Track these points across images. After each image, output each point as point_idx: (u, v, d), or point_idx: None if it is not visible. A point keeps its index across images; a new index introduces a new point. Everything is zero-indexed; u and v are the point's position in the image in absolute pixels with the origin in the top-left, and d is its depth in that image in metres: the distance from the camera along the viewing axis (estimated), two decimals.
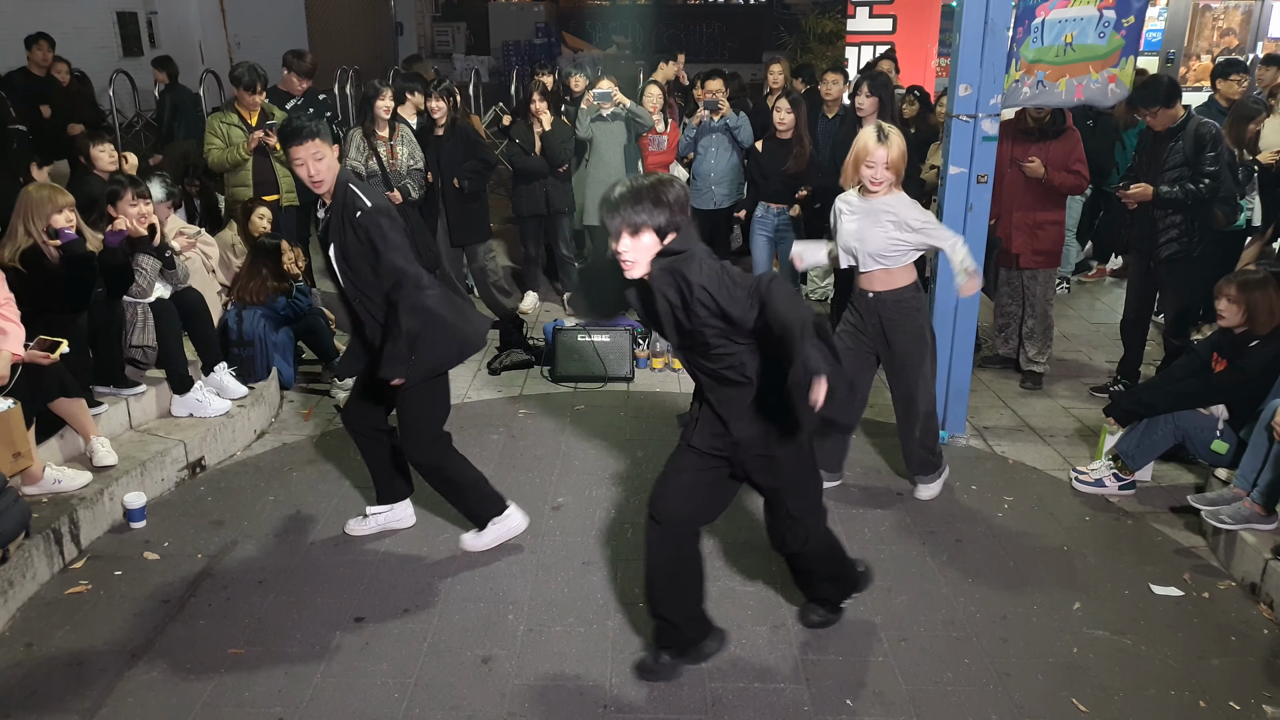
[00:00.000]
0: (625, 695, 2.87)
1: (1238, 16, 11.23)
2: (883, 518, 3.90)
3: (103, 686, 2.88)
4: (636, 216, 2.50)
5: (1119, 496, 4.07)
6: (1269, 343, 3.86)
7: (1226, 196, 5.02)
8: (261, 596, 3.34)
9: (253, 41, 12.04)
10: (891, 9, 9.44)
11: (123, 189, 4.22)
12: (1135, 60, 4.53)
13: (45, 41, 7.21)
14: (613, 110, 6.10)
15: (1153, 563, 3.61)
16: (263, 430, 4.70)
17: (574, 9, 20.58)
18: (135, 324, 4.31)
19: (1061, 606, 3.32)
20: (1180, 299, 4.91)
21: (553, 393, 5.25)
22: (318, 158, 3.18)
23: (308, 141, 3.15)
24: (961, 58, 4.19)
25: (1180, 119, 4.65)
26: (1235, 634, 3.20)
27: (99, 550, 3.63)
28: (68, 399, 3.76)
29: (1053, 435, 4.71)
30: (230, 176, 5.60)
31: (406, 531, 3.76)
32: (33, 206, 3.86)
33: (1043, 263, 5.12)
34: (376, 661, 3.01)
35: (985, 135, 4.26)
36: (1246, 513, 3.51)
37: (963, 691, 2.90)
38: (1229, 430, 3.89)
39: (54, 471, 3.68)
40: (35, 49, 7.17)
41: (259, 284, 4.93)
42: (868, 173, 3.59)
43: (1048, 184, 4.95)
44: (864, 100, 5.10)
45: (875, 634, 3.16)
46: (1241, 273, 4.11)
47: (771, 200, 5.57)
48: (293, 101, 6.03)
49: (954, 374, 4.52)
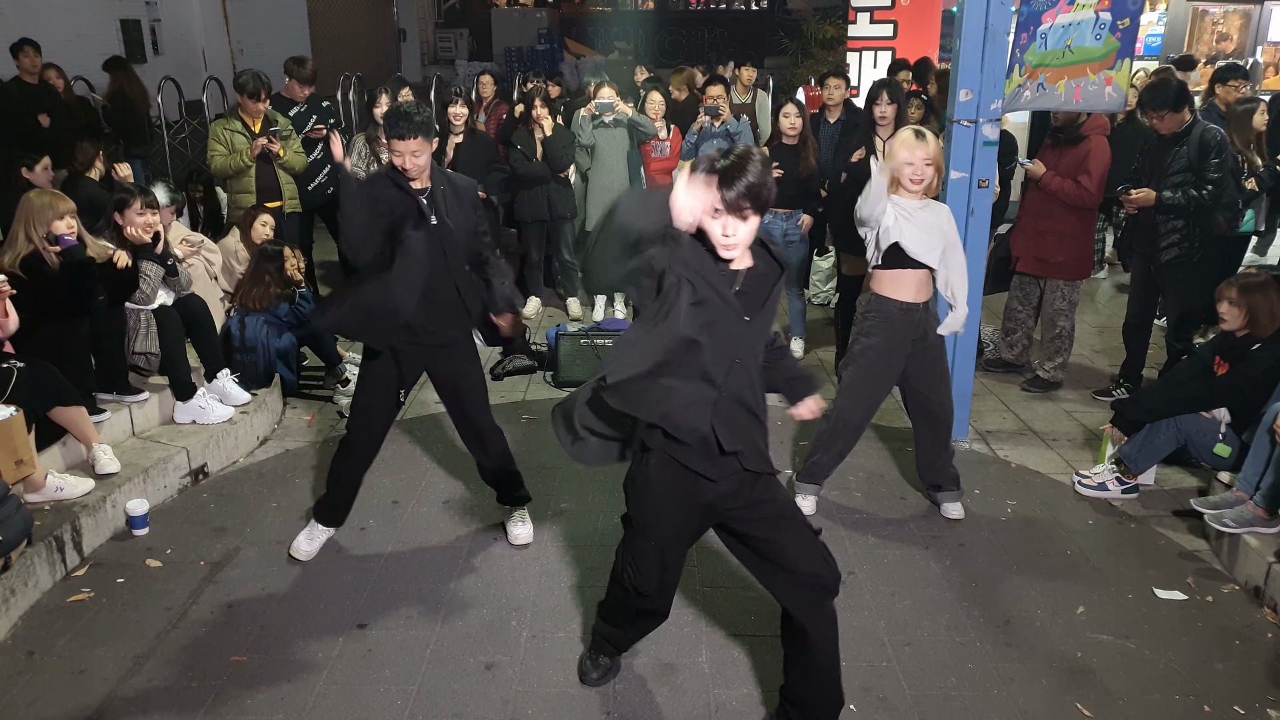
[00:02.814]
0: (628, 702, 2.86)
1: (1236, 21, 11.25)
2: (885, 523, 3.90)
3: (105, 695, 2.88)
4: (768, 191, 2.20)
5: (1122, 500, 4.06)
6: (1271, 346, 3.85)
7: (1229, 203, 5.02)
8: (264, 604, 3.34)
9: (256, 48, 12.09)
10: (892, 14, 9.45)
11: (131, 198, 4.23)
12: (1131, 63, 4.53)
13: (31, 48, 7.03)
14: (614, 118, 6.13)
15: (1156, 566, 3.60)
16: (265, 437, 4.70)
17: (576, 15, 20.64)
18: (138, 331, 4.32)
19: (1065, 611, 3.32)
20: (1181, 303, 4.91)
21: (556, 398, 5.23)
22: (416, 155, 3.20)
23: (409, 139, 3.16)
24: (962, 63, 4.19)
25: (1187, 123, 4.65)
26: (1239, 638, 3.19)
27: (101, 558, 3.63)
28: (64, 407, 3.76)
29: (1055, 439, 4.70)
30: (233, 183, 5.61)
31: (410, 539, 3.76)
32: (34, 213, 3.86)
33: (1048, 271, 5.08)
34: (379, 669, 3.01)
35: (986, 140, 4.26)
36: (1249, 516, 3.50)
37: (966, 696, 2.89)
38: (1231, 433, 3.89)
39: (56, 479, 3.67)
40: (22, 56, 6.98)
41: (262, 290, 4.94)
42: (908, 170, 3.51)
43: (1045, 189, 4.95)
44: (885, 108, 5.05)
45: (879, 639, 3.16)
46: (1242, 275, 4.10)
47: (780, 206, 5.56)
48: (296, 108, 6.04)
49: (957, 378, 4.50)
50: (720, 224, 2.23)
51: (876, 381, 3.79)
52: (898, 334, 3.67)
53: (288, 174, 5.71)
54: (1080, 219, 4.97)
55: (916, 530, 3.84)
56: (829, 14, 12.92)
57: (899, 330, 3.66)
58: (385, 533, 3.80)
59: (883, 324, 3.68)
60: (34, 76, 7.04)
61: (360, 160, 5.52)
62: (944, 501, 3.97)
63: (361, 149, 5.57)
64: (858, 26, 9.68)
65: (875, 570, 3.55)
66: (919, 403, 3.84)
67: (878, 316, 3.68)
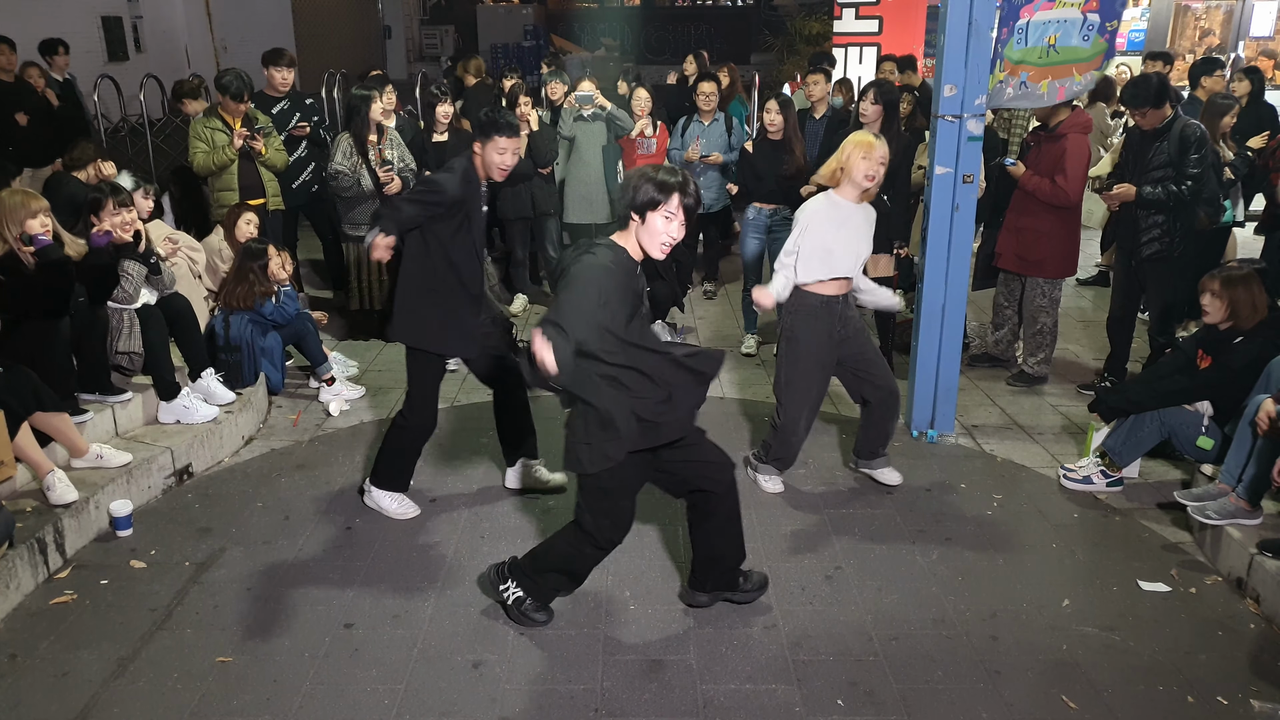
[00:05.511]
0: (616, 699, 2.86)
1: (1219, 16, 11.32)
2: (872, 517, 3.91)
3: (89, 697, 2.86)
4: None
5: (1107, 493, 4.09)
6: (1253, 339, 3.88)
7: (1210, 198, 5.05)
8: (249, 604, 3.32)
9: (239, 45, 12.00)
10: (878, 10, 9.48)
11: (104, 197, 4.19)
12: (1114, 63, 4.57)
13: (7, 45, 6.91)
14: (593, 111, 6.15)
15: (1141, 559, 3.62)
16: (251, 436, 4.68)
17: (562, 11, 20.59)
18: (121, 330, 4.29)
19: (1051, 604, 3.34)
20: (1163, 297, 4.94)
21: (542, 396, 5.23)
22: (516, 153, 3.54)
23: (517, 138, 3.53)
24: (946, 59, 4.20)
25: (1168, 119, 4.67)
26: (1222, 629, 3.22)
27: (85, 559, 3.60)
28: (45, 413, 3.70)
29: (1041, 433, 4.73)
30: (215, 181, 5.57)
31: (396, 538, 3.75)
32: (6, 213, 3.81)
33: (1029, 269, 5.10)
34: (366, 668, 2.99)
35: (970, 135, 4.27)
36: (1232, 508, 3.53)
37: (953, 690, 2.91)
38: (1214, 426, 3.91)
39: (97, 447, 3.88)
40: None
41: (246, 289, 4.91)
42: (866, 167, 3.67)
43: (1023, 188, 4.97)
44: (869, 107, 5.09)
45: (866, 633, 3.17)
46: (1224, 269, 4.14)
47: (764, 201, 5.57)
48: (279, 106, 6.01)
49: (942, 373, 4.53)
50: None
51: (811, 375, 3.92)
52: (821, 328, 3.84)
53: (270, 171, 5.67)
54: (1060, 217, 4.96)
55: (903, 525, 3.85)
56: (814, 10, 12.95)
57: (822, 324, 3.83)
58: (371, 532, 3.78)
59: (806, 319, 3.85)
60: (10, 74, 6.97)
61: (345, 160, 5.47)
62: (879, 469, 4.14)
63: (346, 148, 5.53)
64: (843, 22, 9.71)
65: (861, 565, 3.56)
66: (864, 383, 4.00)
67: (801, 312, 3.86)
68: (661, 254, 2.81)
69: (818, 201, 3.82)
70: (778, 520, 3.87)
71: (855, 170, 3.69)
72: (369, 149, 5.48)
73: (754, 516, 3.86)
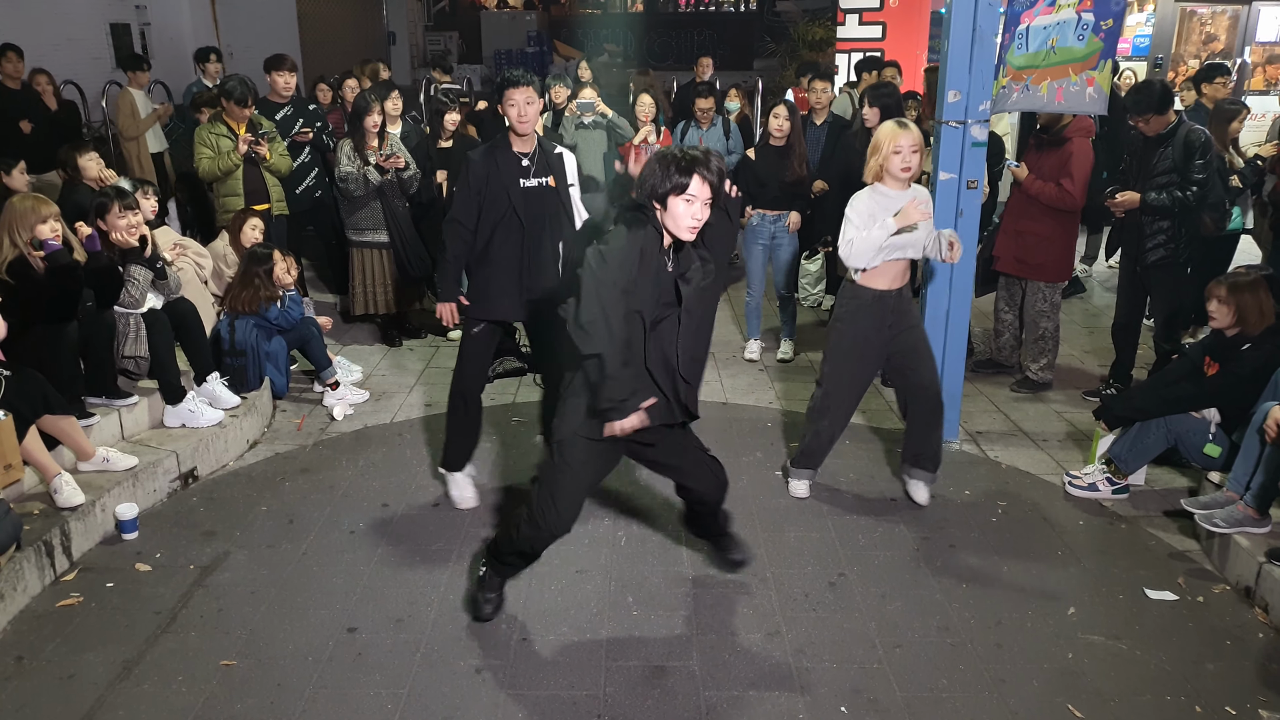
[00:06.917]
0: (619, 705, 2.86)
1: (1224, 22, 11.30)
2: (876, 524, 3.90)
3: (94, 700, 2.86)
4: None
5: (1112, 501, 4.08)
6: (1260, 345, 3.87)
7: (1215, 203, 5.04)
8: (253, 608, 3.32)
9: (245, 51, 12.02)
10: (881, 16, 9.49)
11: (110, 201, 4.21)
12: (1113, 64, 4.55)
13: (14, 53, 6.92)
14: (594, 118, 6.17)
15: (1147, 567, 3.61)
16: (255, 440, 4.68)
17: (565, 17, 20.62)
18: (128, 334, 4.30)
19: (1056, 611, 3.32)
20: (1169, 303, 4.93)
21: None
22: (528, 102, 3.53)
23: (525, 86, 3.53)
24: (950, 64, 4.21)
25: (1171, 124, 4.67)
26: (1230, 638, 3.20)
27: (90, 562, 3.61)
28: (54, 416, 3.71)
29: (1045, 440, 4.71)
30: (220, 186, 5.59)
31: (400, 542, 3.75)
32: (16, 218, 3.84)
33: (1029, 273, 5.09)
34: (369, 672, 2.99)
35: (975, 141, 4.27)
36: (1240, 516, 3.51)
37: (957, 698, 2.90)
38: (1221, 433, 3.90)
39: (104, 450, 3.90)
40: (4, 60, 6.87)
41: (251, 293, 4.92)
42: (896, 160, 3.65)
43: (1026, 192, 4.96)
44: (867, 111, 5.16)
45: (869, 640, 3.16)
46: (1231, 274, 4.12)
47: (768, 208, 5.56)
48: (282, 111, 6.03)
49: (947, 378, 4.52)
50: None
51: (857, 364, 3.89)
52: (873, 319, 3.80)
53: (274, 177, 5.69)
54: (1060, 222, 4.96)
55: (907, 532, 3.84)
56: (818, 15, 12.97)
57: (874, 316, 3.79)
58: (375, 536, 3.79)
59: (857, 311, 3.82)
60: (16, 82, 6.99)
61: (350, 163, 5.50)
62: (914, 480, 4.03)
63: (349, 154, 5.55)
64: (846, 28, 9.72)
65: (865, 572, 3.55)
66: (907, 380, 3.94)
67: (853, 303, 3.82)
68: (690, 235, 2.81)
69: (862, 195, 3.80)
70: (781, 527, 3.87)
71: (891, 165, 3.69)
72: (370, 155, 5.50)
73: (758, 523, 3.86)
